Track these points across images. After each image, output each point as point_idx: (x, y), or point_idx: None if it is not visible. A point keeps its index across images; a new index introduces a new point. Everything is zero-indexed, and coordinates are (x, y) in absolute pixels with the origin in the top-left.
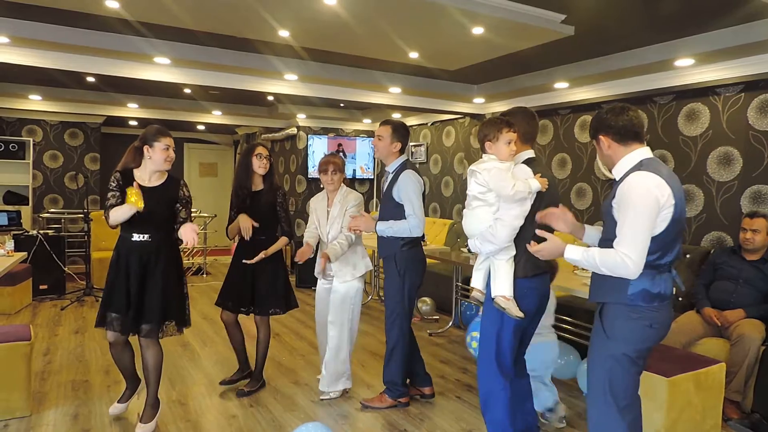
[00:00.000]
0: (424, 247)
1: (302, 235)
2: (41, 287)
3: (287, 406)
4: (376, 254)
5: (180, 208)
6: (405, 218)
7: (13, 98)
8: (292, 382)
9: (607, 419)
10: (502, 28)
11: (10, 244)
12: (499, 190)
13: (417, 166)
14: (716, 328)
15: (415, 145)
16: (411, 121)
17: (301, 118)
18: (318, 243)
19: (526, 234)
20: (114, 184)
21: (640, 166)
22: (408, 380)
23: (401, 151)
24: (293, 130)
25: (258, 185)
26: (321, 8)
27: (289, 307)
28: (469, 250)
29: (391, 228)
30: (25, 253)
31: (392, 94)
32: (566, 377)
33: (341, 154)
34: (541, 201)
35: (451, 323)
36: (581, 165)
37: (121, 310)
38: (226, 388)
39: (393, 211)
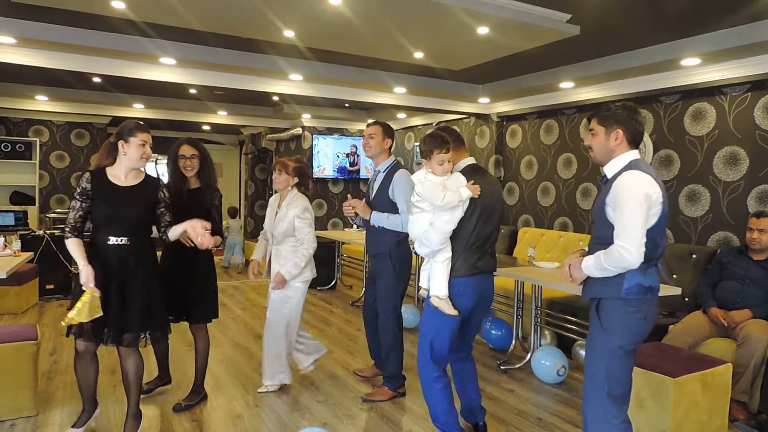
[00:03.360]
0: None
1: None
2: (47, 287)
3: (292, 407)
4: None
5: (164, 211)
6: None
7: (19, 99)
8: (297, 383)
9: (604, 408)
10: (508, 28)
11: (16, 244)
12: (430, 201)
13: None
14: (723, 329)
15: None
16: (416, 121)
17: (306, 118)
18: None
19: (462, 236)
20: (80, 189)
21: (630, 166)
22: (373, 361)
23: (390, 149)
24: (298, 131)
25: (194, 183)
26: (326, 8)
27: (214, 315)
28: (414, 252)
29: (386, 220)
30: (32, 253)
31: (397, 94)
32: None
33: (355, 156)
34: (476, 206)
35: None
36: (587, 165)
37: (97, 319)
38: (232, 387)
39: (386, 209)
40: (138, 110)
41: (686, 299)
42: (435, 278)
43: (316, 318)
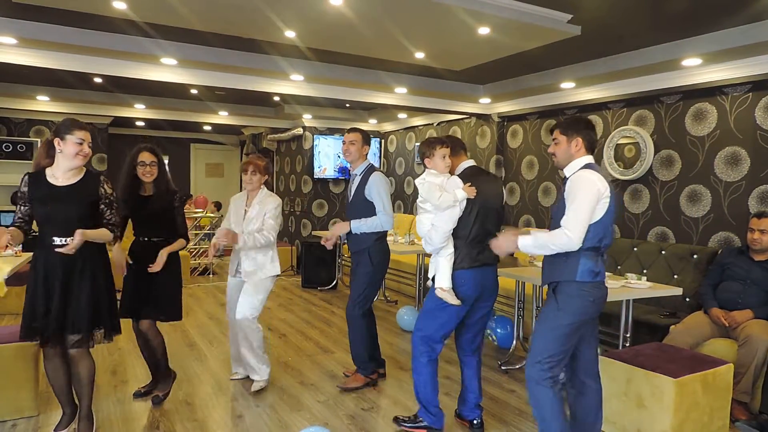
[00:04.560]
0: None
1: (309, 234)
2: None
3: (294, 407)
4: None
5: (104, 209)
6: (374, 215)
7: (20, 99)
8: (298, 383)
9: (540, 374)
10: (509, 28)
11: (18, 245)
12: (429, 200)
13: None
14: (724, 329)
15: None
16: (417, 121)
17: (307, 119)
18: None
19: (462, 233)
20: (20, 193)
21: (585, 167)
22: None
23: (367, 155)
24: (299, 131)
25: (148, 190)
26: (327, 9)
27: (173, 316)
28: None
29: (365, 224)
30: (33, 253)
31: (398, 95)
32: None
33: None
34: (474, 205)
35: None
36: None
37: (44, 320)
38: (233, 387)
39: (363, 208)
40: (139, 110)
41: (687, 299)
42: (439, 272)
43: (316, 318)
